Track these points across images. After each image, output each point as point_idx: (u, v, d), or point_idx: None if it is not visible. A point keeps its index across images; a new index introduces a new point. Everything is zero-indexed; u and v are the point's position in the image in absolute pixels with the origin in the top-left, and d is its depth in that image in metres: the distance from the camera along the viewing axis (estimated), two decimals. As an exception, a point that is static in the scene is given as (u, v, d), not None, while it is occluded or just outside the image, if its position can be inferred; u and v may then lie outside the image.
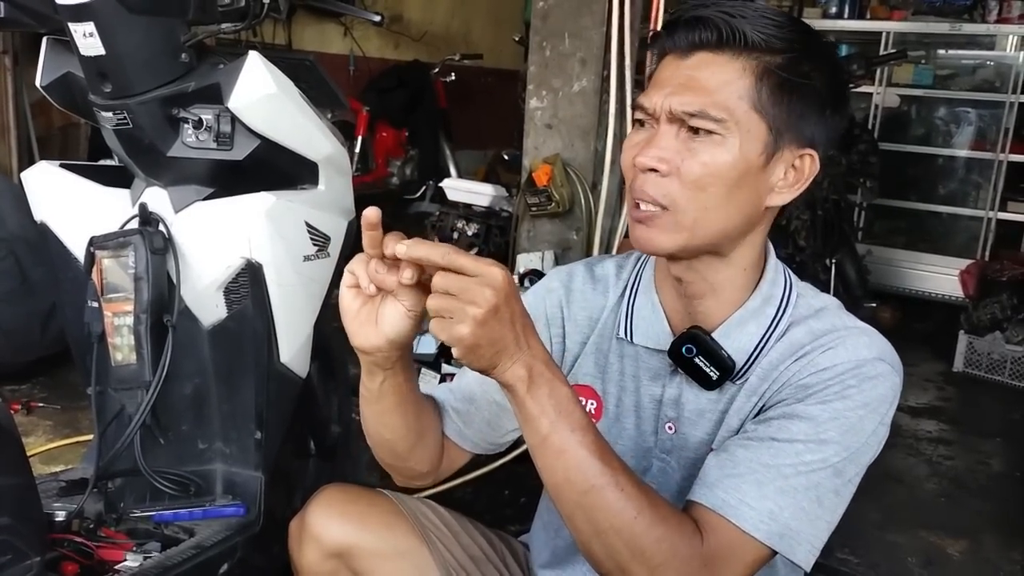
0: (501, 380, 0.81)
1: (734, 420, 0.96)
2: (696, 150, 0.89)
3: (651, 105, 0.91)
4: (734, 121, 0.88)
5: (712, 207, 0.90)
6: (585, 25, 2.34)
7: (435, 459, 1.09)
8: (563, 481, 0.82)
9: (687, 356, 0.96)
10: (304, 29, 4.63)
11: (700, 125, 0.88)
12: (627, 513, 0.81)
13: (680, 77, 0.90)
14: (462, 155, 5.17)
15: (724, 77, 0.88)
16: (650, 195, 0.90)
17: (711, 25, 0.89)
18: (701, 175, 0.89)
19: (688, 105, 0.88)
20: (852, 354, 0.91)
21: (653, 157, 0.90)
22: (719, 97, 0.88)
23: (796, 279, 1.03)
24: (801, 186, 0.94)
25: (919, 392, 3.25)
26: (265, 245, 1.36)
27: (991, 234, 4.18)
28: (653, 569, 0.81)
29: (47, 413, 2.55)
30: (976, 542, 2.17)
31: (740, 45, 0.88)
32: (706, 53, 0.90)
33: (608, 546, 0.82)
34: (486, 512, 2.10)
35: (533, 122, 2.48)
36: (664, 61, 0.94)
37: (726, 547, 0.84)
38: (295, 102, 1.38)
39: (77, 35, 1.25)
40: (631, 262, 1.10)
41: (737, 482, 0.86)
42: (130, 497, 1.45)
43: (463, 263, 0.76)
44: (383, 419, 0.99)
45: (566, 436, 0.81)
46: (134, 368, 1.37)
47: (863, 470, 0.91)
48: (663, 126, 0.90)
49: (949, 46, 4.48)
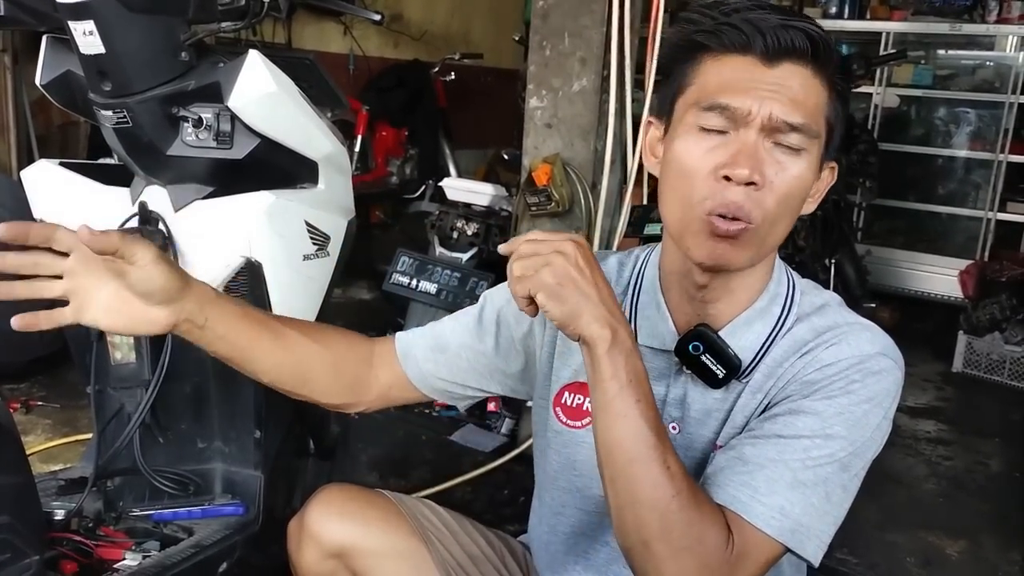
0: (584, 334, 0.84)
1: (739, 418, 0.96)
2: (785, 164, 0.87)
3: (744, 107, 0.86)
4: (819, 137, 0.89)
5: (786, 222, 0.90)
6: (585, 24, 2.33)
7: (356, 390, 1.12)
8: (616, 446, 0.84)
9: (694, 354, 0.96)
10: (304, 28, 4.63)
11: (797, 142, 0.86)
12: (666, 490, 0.82)
13: (770, 85, 0.86)
14: (462, 154, 5.16)
15: (815, 91, 0.87)
16: (747, 210, 0.86)
17: (804, 36, 0.86)
18: (791, 190, 0.88)
19: (792, 116, 0.85)
20: (855, 349, 0.91)
21: (754, 169, 0.85)
22: (815, 113, 0.87)
23: (797, 276, 1.03)
24: (821, 196, 0.96)
25: (918, 392, 3.25)
26: (265, 244, 1.36)
27: (990, 234, 4.19)
28: (676, 552, 0.81)
29: (46, 412, 2.55)
30: (975, 542, 2.17)
31: (823, 59, 0.87)
32: (794, 64, 0.86)
33: (639, 518, 0.83)
34: (485, 512, 2.10)
35: (533, 121, 2.48)
36: (735, 61, 0.88)
37: (743, 544, 0.84)
38: (295, 101, 1.38)
39: (77, 33, 1.25)
40: (632, 260, 1.09)
41: (747, 479, 0.86)
42: (129, 496, 1.45)
43: (541, 235, 0.85)
44: (242, 366, 1.02)
45: (630, 404, 0.83)
46: (133, 367, 1.37)
47: (868, 465, 0.91)
48: (753, 133, 0.86)
49: (949, 46, 4.48)
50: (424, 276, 2.70)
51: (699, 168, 0.88)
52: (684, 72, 0.92)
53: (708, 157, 0.88)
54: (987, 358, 3.39)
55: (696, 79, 0.91)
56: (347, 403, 1.13)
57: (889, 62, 3.78)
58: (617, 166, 2.35)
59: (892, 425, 0.93)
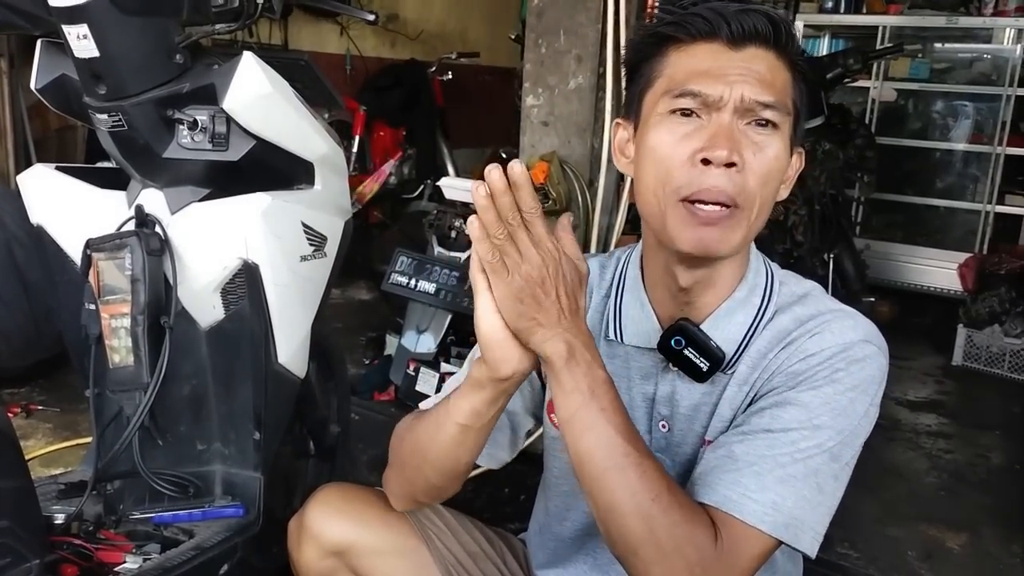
0: (540, 351, 0.84)
1: (726, 410, 0.96)
2: (762, 144, 0.88)
3: (715, 92, 0.86)
4: (789, 115, 0.90)
5: (768, 203, 0.91)
6: (580, 22, 2.33)
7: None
8: (587, 456, 0.84)
9: (676, 348, 0.96)
10: (300, 29, 4.62)
11: (771, 117, 0.87)
12: (645, 495, 0.81)
13: (738, 67, 0.87)
14: (460, 153, 5.16)
15: (781, 73, 0.89)
16: (729, 193, 0.86)
17: (766, 19, 0.88)
18: (770, 169, 0.88)
19: (763, 95, 0.87)
20: (838, 338, 0.91)
21: (732, 150, 0.85)
22: (783, 91, 0.89)
23: (776, 266, 1.03)
24: (792, 182, 0.96)
25: (918, 386, 3.25)
26: (261, 245, 1.36)
27: (989, 227, 4.19)
28: (664, 555, 0.81)
29: (46, 416, 2.55)
30: (976, 535, 2.17)
31: (783, 42, 0.89)
32: (759, 48, 0.88)
33: (623, 526, 0.82)
34: (485, 510, 2.10)
35: (529, 120, 2.48)
36: (700, 49, 0.89)
37: (735, 542, 0.84)
38: (290, 102, 1.38)
39: (71, 37, 1.25)
40: (613, 262, 1.09)
41: (736, 476, 0.86)
42: (129, 499, 1.45)
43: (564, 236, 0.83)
44: (476, 442, 0.97)
45: (595, 414, 0.83)
46: (132, 370, 1.37)
47: (858, 452, 0.91)
48: (727, 116, 0.87)
49: (945, 39, 4.48)
50: (423, 276, 2.69)
51: (675, 155, 0.88)
52: (652, 67, 0.93)
53: (683, 144, 0.88)
54: (987, 351, 3.39)
55: (664, 71, 0.91)
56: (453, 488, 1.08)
57: (886, 56, 3.78)
58: (614, 164, 2.35)
59: (892, 420, 0.93)
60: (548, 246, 0.81)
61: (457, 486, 1.06)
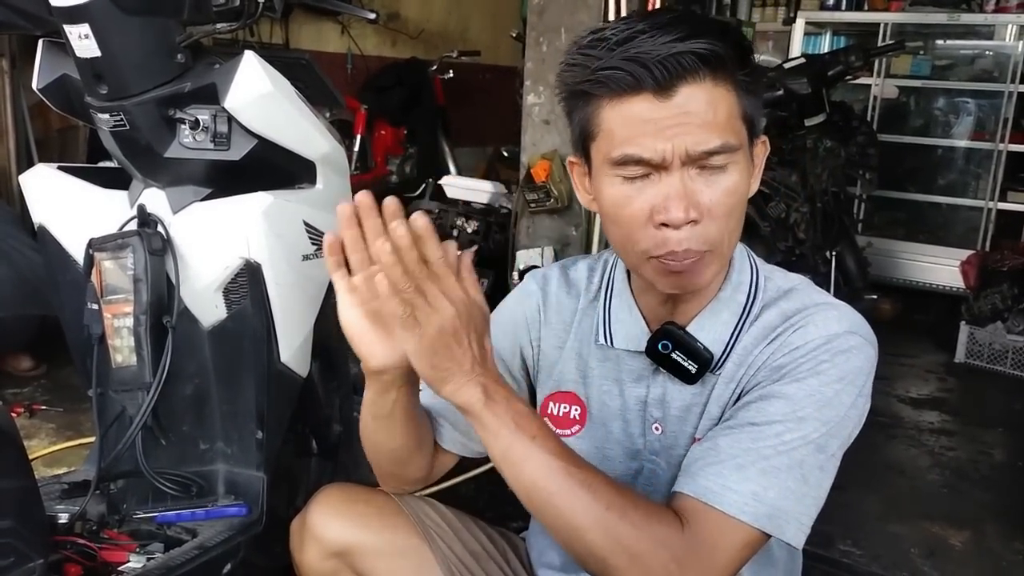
0: (454, 401, 0.84)
1: (715, 409, 0.96)
2: (715, 182, 0.86)
3: (656, 155, 0.84)
4: (741, 143, 0.87)
5: (736, 227, 0.90)
6: (581, 20, 2.33)
7: (430, 464, 1.10)
8: (532, 487, 0.84)
9: (664, 352, 0.96)
10: (301, 28, 4.62)
11: (720, 161, 0.85)
12: (599, 507, 0.82)
13: (674, 118, 0.83)
14: (461, 152, 5.17)
15: (723, 102, 0.85)
16: (694, 248, 0.86)
17: (693, 57, 0.82)
18: (730, 205, 0.87)
19: (706, 143, 0.84)
20: (823, 330, 0.91)
21: (688, 209, 0.84)
22: (728, 126, 0.85)
23: (762, 262, 1.03)
24: (760, 173, 0.95)
25: (920, 383, 3.24)
26: (263, 245, 1.36)
27: (991, 224, 4.18)
28: (634, 558, 0.81)
29: (49, 416, 2.55)
30: (979, 532, 2.17)
31: (718, 65, 0.84)
32: (691, 86, 0.83)
33: (586, 543, 0.83)
34: (487, 509, 2.09)
35: (531, 118, 2.48)
36: (630, 103, 0.84)
37: (713, 533, 0.83)
38: (292, 101, 1.38)
39: (72, 37, 1.25)
40: (601, 265, 1.09)
41: (719, 468, 0.86)
42: (132, 498, 1.46)
43: (467, 277, 0.81)
44: (391, 431, 1.00)
45: (527, 445, 0.83)
46: (134, 370, 1.37)
47: (847, 443, 0.91)
48: (675, 171, 0.85)
49: (947, 36, 4.47)
50: (424, 274, 2.69)
51: (634, 218, 0.88)
52: (587, 118, 0.90)
53: (639, 203, 0.87)
54: (989, 348, 3.39)
55: (601, 126, 0.88)
56: (425, 477, 1.12)
57: (887, 53, 3.77)
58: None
59: (894, 417, 0.93)
60: (458, 294, 0.80)
61: (420, 472, 1.09)
